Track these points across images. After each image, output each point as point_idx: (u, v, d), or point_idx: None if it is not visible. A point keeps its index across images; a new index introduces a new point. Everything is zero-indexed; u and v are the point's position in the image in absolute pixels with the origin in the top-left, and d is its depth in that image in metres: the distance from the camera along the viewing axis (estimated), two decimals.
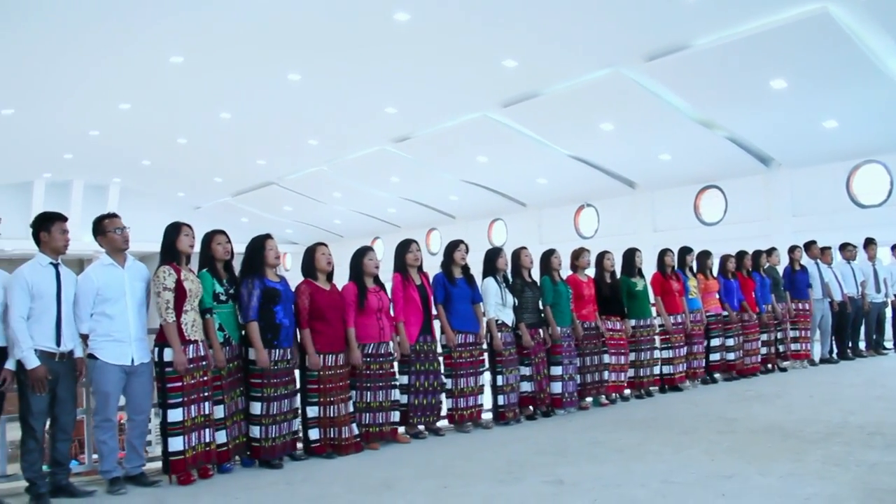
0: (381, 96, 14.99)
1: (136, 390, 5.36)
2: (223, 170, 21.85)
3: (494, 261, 7.56)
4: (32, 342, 4.91)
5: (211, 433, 5.53)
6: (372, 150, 18.37)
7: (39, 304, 4.98)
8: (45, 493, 4.95)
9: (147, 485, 5.39)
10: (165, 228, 5.61)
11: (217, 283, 5.77)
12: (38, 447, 4.99)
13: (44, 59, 13.02)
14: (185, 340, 5.40)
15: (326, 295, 6.27)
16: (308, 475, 5.62)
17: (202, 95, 15.39)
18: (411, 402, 6.82)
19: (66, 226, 5.23)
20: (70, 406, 5.21)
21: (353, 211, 23.76)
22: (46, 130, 17.82)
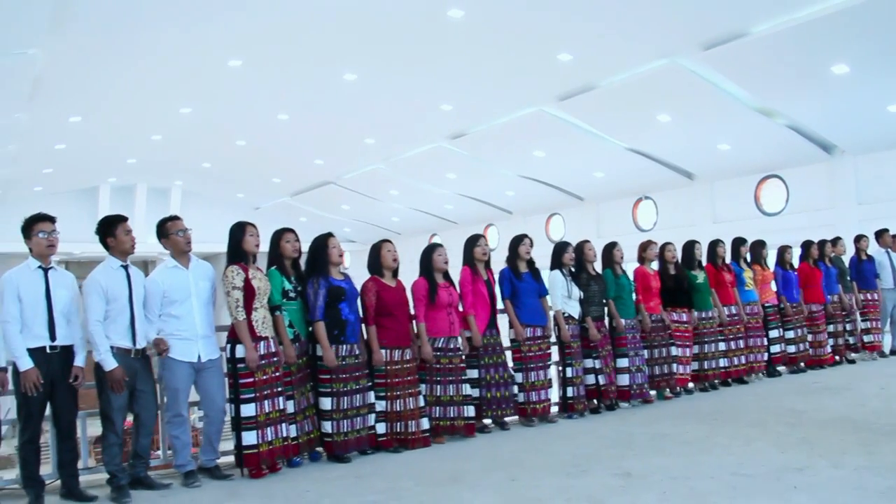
0: (436, 93, 15.04)
1: (208, 386, 5.51)
2: (281, 170, 22.14)
3: (561, 254, 7.58)
4: (109, 342, 5.08)
5: (286, 427, 5.65)
6: (428, 147, 18.43)
7: (114, 306, 5.14)
8: (125, 485, 5.11)
9: (221, 478, 5.53)
10: (231, 228, 5.74)
11: (286, 280, 5.89)
12: (117, 441, 5.16)
13: (108, 67, 13.35)
14: (256, 337, 5.53)
15: (392, 291, 6.35)
16: (376, 469, 5.70)
17: (260, 97, 15.62)
18: (483, 395, 6.88)
19: (128, 226, 5.37)
20: (150, 400, 5.39)
21: (410, 208, 23.87)
22: (111, 136, 18.27)
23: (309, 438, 5.93)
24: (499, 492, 4.85)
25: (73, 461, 5.22)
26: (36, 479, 4.97)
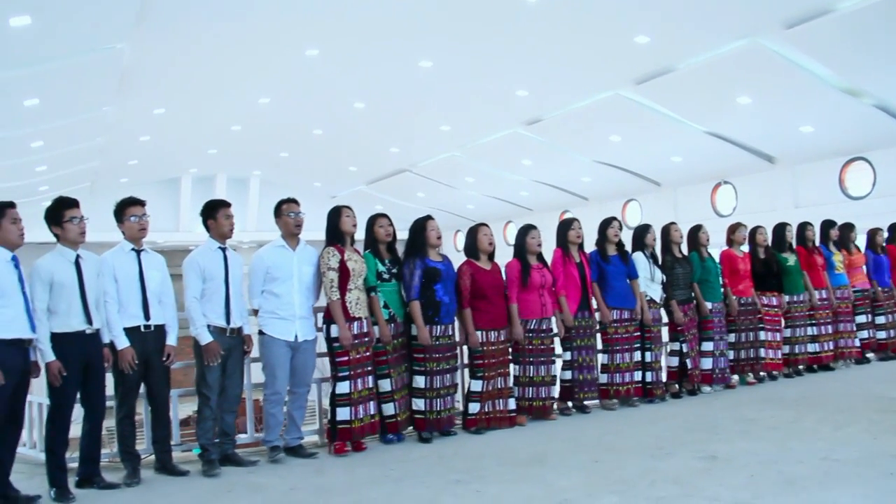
0: (512, 79, 14.97)
1: (300, 365, 5.68)
2: (357, 159, 22.33)
3: (643, 237, 7.54)
4: (205, 319, 5.25)
5: (375, 405, 5.81)
6: (504, 133, 18.37)
7: (211, 284, 5.34)
8: (214, 460, 5.30)
9: (305, 456, 5.68)
10: (328, 212, 5.94)
11: (379, 262, 6.03)
12: (211, 416, 5.36)
13: (190, 59, 13.65)
14: (350, 317, 5.69)
15: (487, 274, 6.42)
16: (458, 449, 5.76)
17: (336, 86, 15.77)
18: (575, 377, 6.93)
19: (230, 211, 5.56)
20: (238, 379, 5.56)
21: (486, 195, 23.85)
22: (193, 127, 18.69)
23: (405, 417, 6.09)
24: (583, 472, 4.86)
25: (166, 437, 5.43)
26: (132, 454, 5.19)
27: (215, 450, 5.37)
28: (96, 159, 20.05)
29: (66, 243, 4.91)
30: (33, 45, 10.91)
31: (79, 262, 4.90)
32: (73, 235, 4.90)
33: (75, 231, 4.90)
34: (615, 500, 4.20)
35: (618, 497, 4.25)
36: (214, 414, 5.38)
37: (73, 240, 4.91)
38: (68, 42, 11.28)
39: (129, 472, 5.11)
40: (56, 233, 4.92)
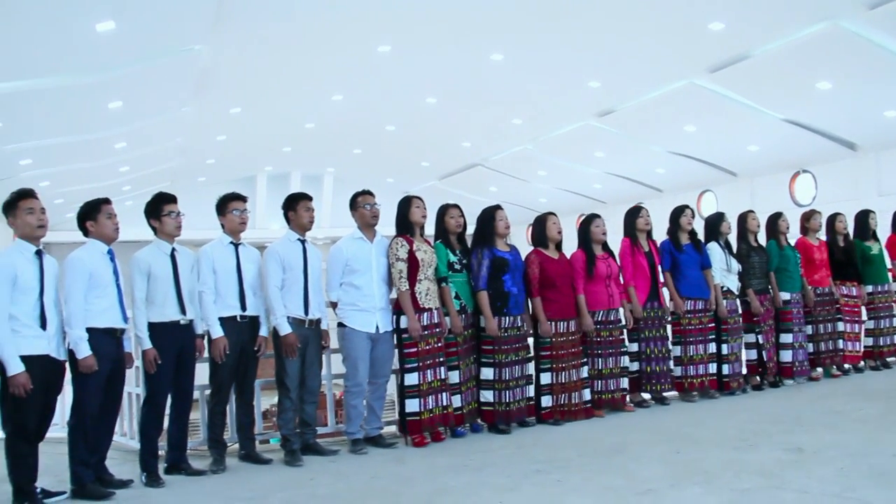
0: (583, 71, 14.83)
1: (379, 356, 5.72)
2: (430, 154, 22.41)
3: (717, 225, 7.36)
4: (285, 310, 5.35)
5: (447, 397, 5.79)
6: (576, 125, 18.21)
7: (290, 275, 5.44)
8: (296, 450, 5.39)
9: (385, 446, 5.73)
10: (399, 202, 5.94)
11: (450, 253, 6.01)
12: (292, 406, 5.46)
13: (265, 59, 13.90)
14: (419, 308, 5.69)
15: (556, 264, 6.37)
16: (538, 440, 5.75)
17: (408, 82, 15.85)
18: (643, 369, 6.83)
19: (310, 204, 5.65)
20: (316, 370, 5.64)
21: (558, 188, 23.69)
22: (268, 125, 19.01)
23: (470, 409, 6.07)
24: (664, 463, 4.80)
25: (251, 425, 5.56)
26: (220, 442, 5.33)
27: (297, 439, 5.48)
28: (175, 159, 20.61)
29: (163, 236, 5.10)
30: (117, 50, 11.29)
31: (174, 255, 5.07)
32: (170, 229, 5.09)
33: (172, 225, 5.08)
34: (699, 492, 4.14)
35: (702, 488, 4.19)
36: (294, 405, 5.49)
37: (169, 233, 5.09)
38: (149, 45, 11.63)
39: (215, 460, 5.26)
40: (154, 226, 5.12)
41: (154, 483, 4.85)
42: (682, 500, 4.02)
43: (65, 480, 4.67)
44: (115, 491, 4.67)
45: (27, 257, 4.41)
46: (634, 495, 4.14)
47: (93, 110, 14.07)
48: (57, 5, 9.32)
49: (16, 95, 11.90)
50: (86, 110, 13.97)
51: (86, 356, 4.50)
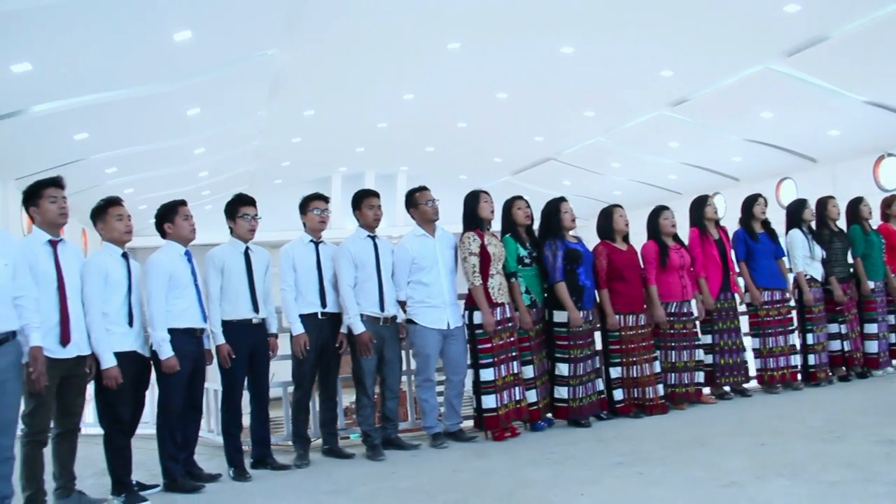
0: (655, 60, 14.60)
1: (453, 352, 5.75)
2: (502, 149, 22.36)
3: (800, 212, 7.18)
4: (359, 308, 5.42)
5: (521, 391, 5.79)
6: (649, 116, 17.95)
7: (362, 273, 5.51)
8: (378, 444, 5.48)
9: (465, 440, 5.77)
10: (465, 197, 5.95)
11: (520, 246, 5.99)
12: (370, 403, 5.56)
13: (337, 60, 14.07)
14: (493, 303, 5.68)
15: (624, 255, 6.30)
16: (618, 433, 5.72)
17: (479, 78, 15.85)
18: (716, 361, 6.69)
19: (373, 201, 5.72)
20: (396, 367, 5.71)
21: (632, 180, 23.39)
22: (341, 127, 19.23)
23: (545, 403, 6.06)
24: (749, 455, 4.73)
25: (333, 421, 5.68)
26: (303, 436, 5.46)
27: (377, 434, 5.56)
28: (252, 162, 21.03)
29: (237, 236, 5.24)
30: (194, 58, 11.60)
31: (248, 254, 5.20)
32: (243, 231, 5.23)
33: (245, 227, 5.23)
34: (786, 484, 4.06)
35: (788, 480, 4.11)
36: (372, 401, 5.58)
37: (241, 235, 5.24)
38: (224, 52, 11.91)
39: (300, 454, 5.38)
40: (230, 226, 5.27)
41: (241, 477, 5.00)
42: (768, 493, 3.95)
43: (157, 475, 4.85)
44: (205, 484, 4.84)
45: (115, 258, 4.62)
46: (718, 487, 4.09)
47: (173, 118, 14.48)
48: (136, 18, 9.62)
49: (101, 107, 12.33)
50: (166, 118, 14.39)
51: (168, 357, 4.66)
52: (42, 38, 9.39)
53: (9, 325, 3.86)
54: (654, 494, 4.10)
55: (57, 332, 4.24)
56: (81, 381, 4.46)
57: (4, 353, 3.83)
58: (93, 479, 4.96)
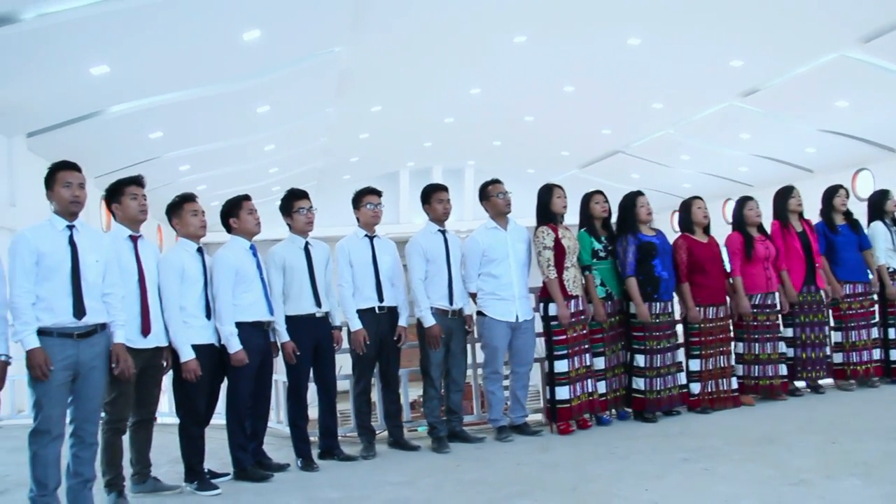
0: (725, 50, 14.33)
1: (520, 345, 5.77)
2: (569, 143, 22.23)
3: (882, 203, 7.00)
4: (429, 301, 5.48)
5: (592, 383, 5.80)
6: (719, 107, 17.63)
7: (432, 266, 5.57)
8: (443, 437, 5.54)
9: (530, 434, 5.79)
10: (539, 190, 5.95)
11: (595, 240, 5.99)
12: (437, 395, 5.62)
13: (404, 56, 14.17)
14: (567, 295, 5.70)
15: (704, 248, 6.25)
16: (684, 428, 5.67)
17: (545, 71, 15.78)
18: (798, 355, 6.58)
19: (443, 195, 5.77)
20: (461, 360, 5.76)
21: (702, 173, 23.02)
22: (409, 122, 19.36)
23: (616, 396, 6.04)
24: (819, 453, 4.65)
25: (398, 413, 5.75)
26: (368, 428, 5.56)
27: (443, 427, 5.62)
28: (321, 159, 21.32)
29: (296, 232, 5.33)
30: (263, 57, 11.83)
31: (308, 249, 5.29)
32: (301, 225, 5.31)
33: (302, 221, 5.31)
34: (857, 483, 3.99)
35: (860, 480, 4.03)
36: (439, 393, 5.64)
37: (300, 229, 5.32)
38: (292, 50, 12.13)
39: (365, 446, 5.47)
40: (288, 223, 5.36)
41: (309, 467, 5.11)
42: (838, 492, 3.89)
43: (228, 464, 5.00)
44: (273, 474, 4.96)
45: (191, 253, 4.78)
46: (787, 485, 4.04)
47: (243, 115, 14.80)
48: (207, 19, 9.87)
49: (174, 106, 12.67)
50: (237, 116, 14.71)
51: (237, 350, 4.79)
52: (119, 41, 9.72)
53: (98, 317, 4.08)
54: (719, 491, 4.06)
55: (138, 322, 4.42)
56: (158, 373, 4.64)
57: (93, 344, 4.04)
58: (167, 467, 5.14)
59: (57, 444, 3.95)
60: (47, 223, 4.08)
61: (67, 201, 4.06)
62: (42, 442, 3.90)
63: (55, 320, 3.92)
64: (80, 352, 3.97)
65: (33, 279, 3.90)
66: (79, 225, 4.12)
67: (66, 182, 4.07)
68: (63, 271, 3.97)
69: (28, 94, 10.71)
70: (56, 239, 4.02)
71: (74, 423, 4.05)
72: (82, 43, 9.46)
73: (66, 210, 4.08)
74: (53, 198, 4.10)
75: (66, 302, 3.95)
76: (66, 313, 3.94)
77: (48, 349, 3.86)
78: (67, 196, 4.06)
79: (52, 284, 3.94)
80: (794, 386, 6.67)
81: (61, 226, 4.06)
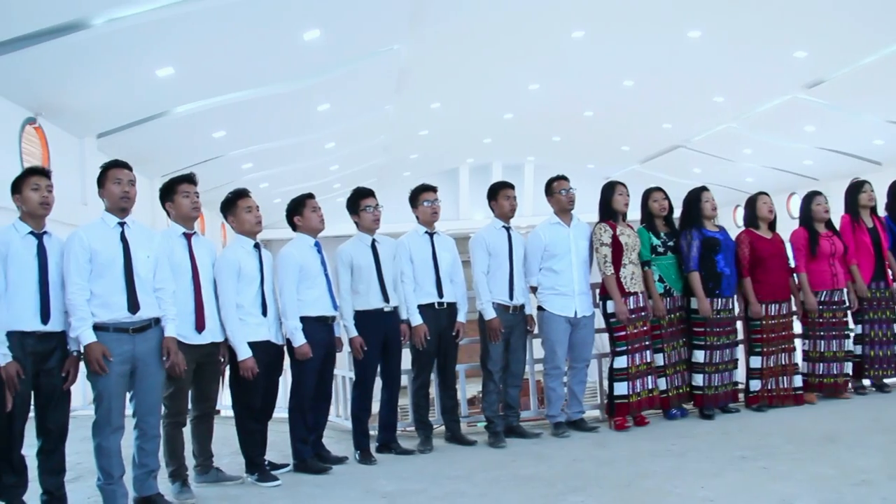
0: (788, 41, 14.04)
1: (579, 341, 5.78)
2: (630, 138, 22.05)
3: None
4: (490, 296, 5.53)
5: (653, 380, 5.80)
6: (782, 99, 17.28)
7: (494, 262, 5.63)
8: (500, 432, 5.58)
9: (587, 430, 5.79)
10: (602, 187, 5.97)
11: (654, 236, 5.97)
12: (495, 389, 5.67)
13: (462, 53, 14.22)
14: (625, 292, 5.70)
15: (768, 243, 6.17)
16: (744, 425, 5.62)
17: (604, 66, 15.67)
18: (866, 353, 6.45)
19: (510, 192, 5.81)
20: (520, 355, 5.79)
21: (766, 167, 22.60)
22: (468, 118, 19.43)
23: (678, 393, 6.01)
24: (883, 454, 4.57)
25: (454, 408, 5.81)
26: (426, 423, 5.62)
27: (500, 422, 5.66)
28: (381, 156, 21.51)
29: (363, 229, 5.41)
30: (323, 56, 12.02)
31: (375, 246, 5.37)
32: (368, 222, 5.38)
33: (369, 218, 5.37)
34: None
35: None
36: (498, 388, 5.68)
37: (367, 226, 5.39)
38: (352, 49, 12.28)
39: (423, 440, 5.53)
40: (355, 221, 5.44)
41: (366, 460, 5.20)
42: None
43: (288, 455, 5.11)
44: (332, 466, 5.06)
45: (247, 250, 4.87)
46: (848, 486, 3.98)
47: (304, 114, 15.03)
48: (268, 20, 10.05)
49: (237, 105, 12.94)
50: (298, 114, 14.94)
51: (301, 344, 4.89)
52: (183, 43, 9.99)
53: (152, 312, 4.21)
54: (777, 490, 4.02)
55: (192, 319, 4.54)
56: (216, 368, 4.75)
57: (147, 339, 4.18)
58: (229, 458, 5.26)
59: (118, 436, 4.09)
60: (100, 221, 4.23)
61: (118, 197, 4.21)
62: (104, 433, 4.05)
63: (111, 316, 4.06)
64: (136, 346, 4.12)
65: (87, 276, 4.04)
66: (130, 222, 4.26)
67: (117, 179, 4.22)
68: (116, 268, 4.11)
69: (98, 97, 11.08)
70: (108, 236, 4.17)
71: (137, 417, 4.21)
72: (148, 46, 9.74)
73: (116, 206, 4.22)
74: (105, 195, 4.25)
75: (120, 298, 4.09)
76: (121, 309, 4.08)
77: (106, 344, 4.00)
78: (118, 192, 4.21)
79: (107, 281, 4.07)
80: (861, 384, 6.55)
81: (113, 223, 4.21)
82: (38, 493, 4.07)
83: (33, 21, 8.29)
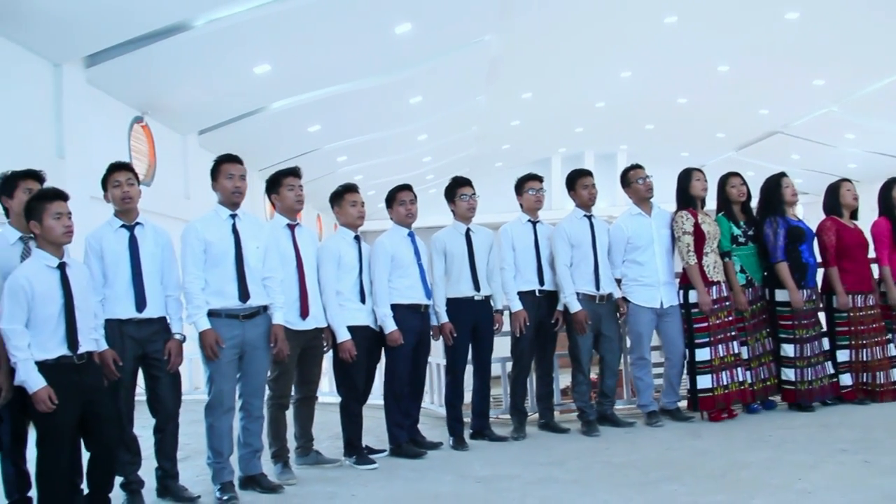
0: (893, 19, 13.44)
1: (669, 331, 5.74)
2: (725, 124, 21.53)
3: None
4: (573, 287, 5.54)
5: (742, 372, 5.68)
6: (888, 80, 16.55)
7: (578, 252, 5.61)
8: (593, 420, 5.61)
9: (682, 419, 5.76)
10: (679, 175, 5.88)
11: (733, 225, 5.84)
12: (585, 380, 5.68)
13: (553, 42, 14.18)
14: (708, 282, 5.62)
15: (852, 232, 5.99)
16: (843, 419, 5.49)
17: (698, 51, 15.36)
18: None
19: (587, 180, 5.76)
20: (614, 345, 5.78)
21: (870, 152, 21.73)
22: (559, 108, 19.33)
23: (764, 386, 5.89)
24: None
25: (549, 396, 5.86)
26: (521, 410, 5.68)
27: (592, 411, 5.67)
28: (473, 147, 21.61)
29: (459, 218, 5.50)
30: (414, 49, 12.17)
31: (469, 235, 5.44)
32: (462, 211, 5.47)
33: (464, 207, 5.46)
34: None
35: None
36: (587, 378, 5.70)
37: (462, 215, 5.48)
38: (442, 41, 12.39)
39: (516, 427, 5.60)
40: (451, 209, 5.55)
41: (460, 446, 5.29)
42: None
43: (384, 440, 5.25)
44: (427, 451, 5.18)
45: (348, 241, 5.06)
46: None
47: (396, 106, 15.24)
48: (361, 15, 10.26)
49: (332, 100, 13.23)
50: (390, 107, 15.16)
51: (392, 331, 5.03)
52: (279, 41, 10.29)
53: (260, 300, 4.42)
54: (878, 484, 3.94)
55: (297, 306, 4.73)
56: (319, 353, 4.95)
57: (256, 325, 4.39)
58: (328, 442, 5.46)
59: (229, 417, 4.32)
60: (213, 213, 4.45)
61: (230, 192, 4.42)
62: (216, 414, 4.28)
63: (224, 303, 4.29)
64: (246, 332, 4.33)
65: (202, 266, 4.28)
66: (241, 214, 4.47)
67: (229, 174, 4.43)
68: (228, 258, 4.33)
69: (199, 95, 11.52)
70: (221, 228, 4.38)
71: (243, 398, 4.43)
72: (246, 45, 10.09)
73: (228, 200, 4.43)
74: (218, 188, 4.46)
75: (232, 286, 4.30)
76: (232, 297, 4.30)
77: (218, 329, 4.23)
78: (230, 187, 4.41)
79: (220, 270, 4.30)
80: None
81: (225, 215, 4.42)
82: (152, 469, 4.32)
83: (141, 25, 8.69)
